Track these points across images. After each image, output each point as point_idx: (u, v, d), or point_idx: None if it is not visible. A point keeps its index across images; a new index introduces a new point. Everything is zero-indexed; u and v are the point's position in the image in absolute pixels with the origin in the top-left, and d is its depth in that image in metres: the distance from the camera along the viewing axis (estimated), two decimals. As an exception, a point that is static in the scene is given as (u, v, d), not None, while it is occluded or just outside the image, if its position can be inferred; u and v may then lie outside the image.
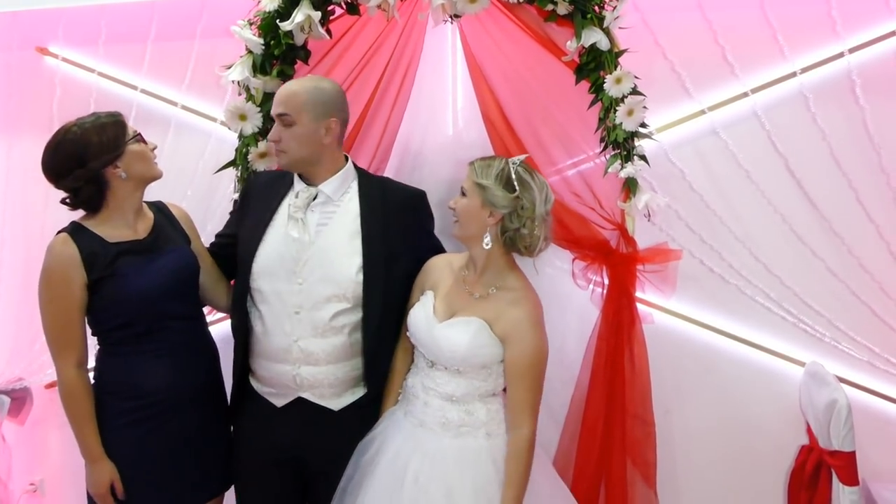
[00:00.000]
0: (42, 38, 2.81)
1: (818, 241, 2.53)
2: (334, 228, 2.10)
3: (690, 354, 2.65)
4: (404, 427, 2.05)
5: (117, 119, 2.06)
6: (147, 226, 2.12)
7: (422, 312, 2.07)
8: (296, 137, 2.08)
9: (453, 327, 2.00)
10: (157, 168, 2.11)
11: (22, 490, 2.87)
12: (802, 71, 2.49)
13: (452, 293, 2.06)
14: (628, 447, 2.47)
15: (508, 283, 2.03)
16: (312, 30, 2.38)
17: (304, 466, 2.16)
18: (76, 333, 2.02)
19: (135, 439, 2.05)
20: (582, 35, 2.32)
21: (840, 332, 2.54)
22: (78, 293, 1.99)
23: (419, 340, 2.07)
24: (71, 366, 2.02)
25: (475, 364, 2.00)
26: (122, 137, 2.03)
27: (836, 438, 2.32)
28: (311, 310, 2.06)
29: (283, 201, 2.16)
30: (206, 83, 2.68)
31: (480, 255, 2.04)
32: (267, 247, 2.11)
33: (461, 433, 2.00)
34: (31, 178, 2.77)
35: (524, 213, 1.98)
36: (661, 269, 2.42)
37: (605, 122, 2.39)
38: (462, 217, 2.02)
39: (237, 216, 2.29)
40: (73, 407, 2.03)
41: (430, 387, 2.04)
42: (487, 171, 1.99)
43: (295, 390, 2.11)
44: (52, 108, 2.76)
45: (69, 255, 1.99)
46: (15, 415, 2.79)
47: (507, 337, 1.98)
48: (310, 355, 2.07)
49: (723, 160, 2.57)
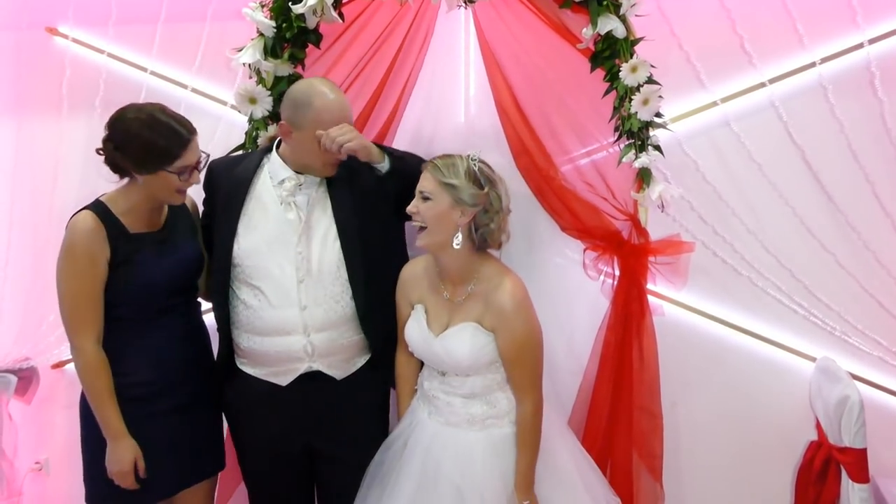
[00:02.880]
0: (52, 18, 2.78)
1: (832, 235, 2.50)
2: (317, 205, 2.15)
3: (699, 347, 2.63)
4: (429, 426, 2.07)
5: (180, 136, 2.00)
6: (163, 216, 2.14)
7: (417, 328, 2.08)
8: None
9: (450, 339, 2.01)
10: (177, 199, 2.07)
11: (27, 468, 2.88)
12: (822, 61, 2.45)
13: (438, 306, 2.07)
14: (635, 439, 2.47)
15: (483, 274, 2.02)
16: (325, 13, 2.36)
17: (312, 452, 2.17)
18: (97, 309, 2.02)
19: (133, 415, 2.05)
20: (598, 22, 2.29)
21: (851, 326, 2.51)
22: (102, 269, 2.01)
23: (422, 355, 2.09)
24: (91, 342, 2.02)
25: (482, 364, 2.01)
26: (166, 163, 2.00)
27: (847, 435, 2.31)
28: (315, 278, 2.10)
29: (253, 185, 2.16)
30: (217, 66, 2.67)
31: (452, 260, 2.02)
32: (251, 229, 2.13)
33: (487, 425, 2.03)
34: (40, 158, 2.78)
35: (492, 209, 1.98)
36: (673, 260, 2.41)
37: (620, 112, 2.36)
38: (432, 222, 1.96)
39: (206, 207, 2.29)
40: (93, 383, 2.03)
41: (449, 390, 2.06)
42: (454, 169, 1.95)
43: (305, 361, 2.11)
44: (61, 89, 2.75)
45: (96, 230, 2.00)
46: (22, 394, 2.80)
47: (495, 327, 1.98)
48: (318, 321, 2.10)
49: (737, 151, 2.53)
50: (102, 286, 2.02)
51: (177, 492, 2.15)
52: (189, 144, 2.01)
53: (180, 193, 2.07)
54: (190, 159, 2.02)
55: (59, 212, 2.09)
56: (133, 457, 2.03)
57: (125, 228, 2.04)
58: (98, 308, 2.02)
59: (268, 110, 2.46)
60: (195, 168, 2.05)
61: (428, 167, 2.00)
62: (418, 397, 2.16)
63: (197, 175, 2.06)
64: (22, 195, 2.80)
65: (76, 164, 2.68)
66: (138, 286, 2.04)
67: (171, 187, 2.03)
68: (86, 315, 2.01)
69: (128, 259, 2.03)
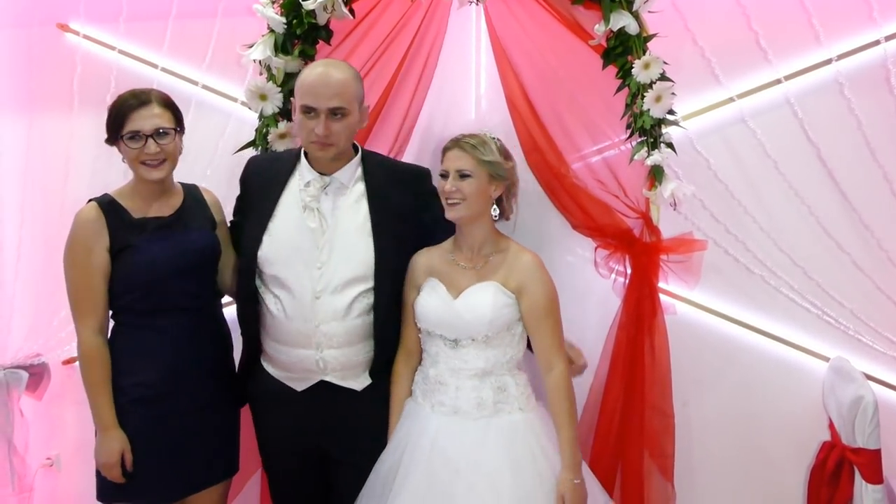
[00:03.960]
0: (63, 14, 2.79)
1: (846, 233, 2.48)
2: (347, 211, 2.10)
3: (711, 346, 2.61)
4: (433, 420, 2.04)
5: (128, 103, 2.03)
6: (174, 206, 2.13)
7: (434, 296, 2.08)
8: (347, 128, 2.06)
9: (472, 295, 2.04)
10: (145, 172, 2.05)
11: (38, 464, 2.89)
12: (839, 58, 2.42)
13: (455, 274, 2.09)
14: (646, 438, 2.46)
15: (501, 246, 2.11)
16: (335, 9, 2.36)
17: (326, 455, 2.16)
18: (97, 299, 2.04)
19: (138, 419, 2.05)
20: (610, 18, 2.28)
21: (865, 325, 2.48)
22: (101, 258, 2.02)
23: (439, 321, 2.06)
24: (91, 331, 2.03)
25: (500, 326, 2.03)
26: (119, 129, 2.02)
27: (861, 435, 2.30)
28: (332, 293, 2.05)
29: (288, 186, 2.13)
30: (227, 62, 2.66)
31: (480, 231, 2.08)
32: (276, 234, 2.09)
33: (497, 410, 2.03)
34: (50, 155, 2.79)
35: (515, 180, 2.14)
36: (685, 259, 2.39)
37: (632, 109, 2.35)
38: (472, 197, 2.03)
39: (238, 203, 2.28)
40: (89, 372, 2.04)
41: (459, 368, 2.04)
42: (487, 147, 2.05)
43: (318, 374, 2.10)
44: (72, 86, 2.75)
45: (95, 219, 2.03)
46: (33, 390, 2.81)
47: (521, 286, 2.03)
48: (332, 338, 2.06)
49: (750, 149, 2.51)
50: (103, 276, 2.03)
51: (186, 495, 2.14)
52: (136, 109, 2.01)
53: (145, 166, 2.03)
54: (138, 125, 2.00)
55: (70, 208, 2.09)
56: (120, 449, 2.02)
57: (128, 214, 2.06)
58: (97, 298, 2.03)
59: (278, 107, 2.46)
60: (150, 137, 2.01)
61: (463, 146, 2.04)
62: (417, 396, 2.12)
63: (153, 145, 2.01)
64: (33, 192, 2.80)
65: (87, 161, 2.69)
66: (139, 268, 2.02)
67: (130, 157, 2.04)
68: (85, 304, 2.03)
69: (129, 243, 2.03)
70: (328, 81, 2.01)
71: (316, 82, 2.02)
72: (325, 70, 2.04)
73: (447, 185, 2.03)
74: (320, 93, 2.00)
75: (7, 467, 2.76)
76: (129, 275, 2.03)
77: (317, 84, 2.01)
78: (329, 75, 2.02)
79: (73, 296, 2.05)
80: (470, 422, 2.02)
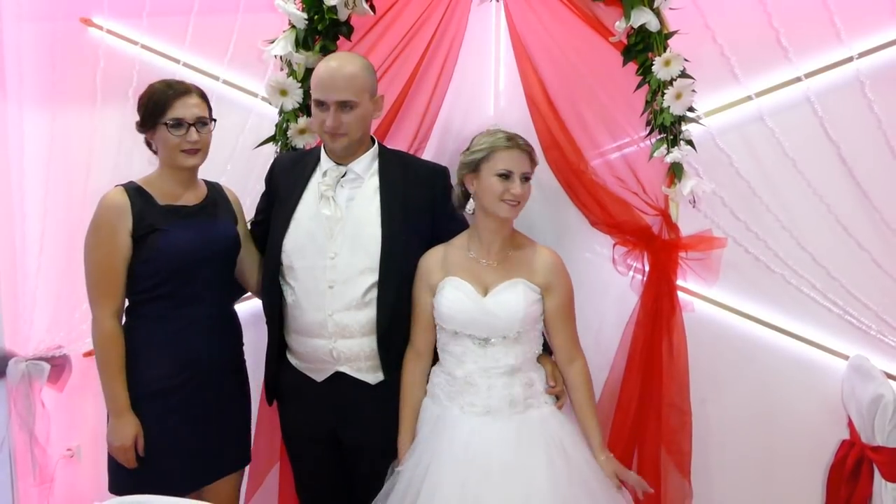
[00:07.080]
0: (87, 9, 2.80)
1: (867, 232, 2.46)
2: (362, 203, 2.13)
3: (729, 344, 2.60)
4: (464, 421, 2.02)
5: (169, 91, 2.08)
6: (200, 197, 2.17)
7: (460, 294, 2.05)
8: (358, 119, 2.09)
9: (503, 293, 2.04)
10: (183, 160, 2.09)
11: (59, 455, 2.92)
12: (860, 56, 2.40)
13: (476, 271, 2.08)
14: (663, 435, 2.46)
15: (518, 242, 2.13)
16: (356, 4, 2.37)
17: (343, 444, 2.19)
18: (116, 283, 2.06)
19: (156, 410, 2.07)
20: (631, 15, 2.28)
21: (886, 324, 2.47)
22: (123, 242, 2.04)
23: (469, 321, 2.04)
24: (108, 315, 2.06)
25: (532, 321, 2.05)
26: (160, 116, 2.06)
27: (881, 434, 2.29)
28: (344, 283, 2.09)
29: (311, 180, 2.17)
30: (248, 58, 2.67)
31: (504, 227, 2.08)
32: (297, 225, 2.14)
33: (528, 405, 2.05)
34: (73, 149, 2.81)
35: None
36: (704, 256, 2.39)
37: (652, 105, 2.34)
38: (524, 200, 2.05)
39: (265, 199, 2.32)
40: (104, 356, 2.06)
41: (489, 366, 2.04)
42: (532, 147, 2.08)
43: (333, 364, 2.13)
44: (95, 80, 2.76)
45: (120, 203, 2.05)
46: (54, 381, 2.83)
47: (548, 284, 2.06)
48: (344, 328, 2.09)
49: (770, 147, 2.49)
50: (124, 260, 2.05)
51: (199, 487, 2.16)
52: (180, 97, 2.07)
53: (185, 154, 2.08)
54: (181, 112, 2.06)
55: (92, 202, 2.11)
56: (134, 433, 2.05)
57: (154, 200, 2.09)
58: (117, 281, 2.06)
59: (298, 102, 2.48)
60: (192, 126, 2.07)
61: (523, 148, 2.04)
62: (440, 398, 2.09)
63: (195, 133, 2.07)
64: (56, 185, 2.82)
65: (109, 155, 2.70)
66: (165, 252, 2.05)
67: (170, 144, 2.07)
68: (105, 287, 2.05)
69: (153, 228, 2.06)
70: (336, 75, 2.07)
71: (325, 76, 2.08)
72: (334, 64, 2.10)
73: (516, 187, 2.00)
74: (328, 86, 2.06)
75: (29, 458, 2.79)
76: (154, 258, 2.05)
77: (325, 78, 2.08)
78: (337, 69, 2.08)
79: (93, 278, 2.07)
80: (503, 420, 2.01)
